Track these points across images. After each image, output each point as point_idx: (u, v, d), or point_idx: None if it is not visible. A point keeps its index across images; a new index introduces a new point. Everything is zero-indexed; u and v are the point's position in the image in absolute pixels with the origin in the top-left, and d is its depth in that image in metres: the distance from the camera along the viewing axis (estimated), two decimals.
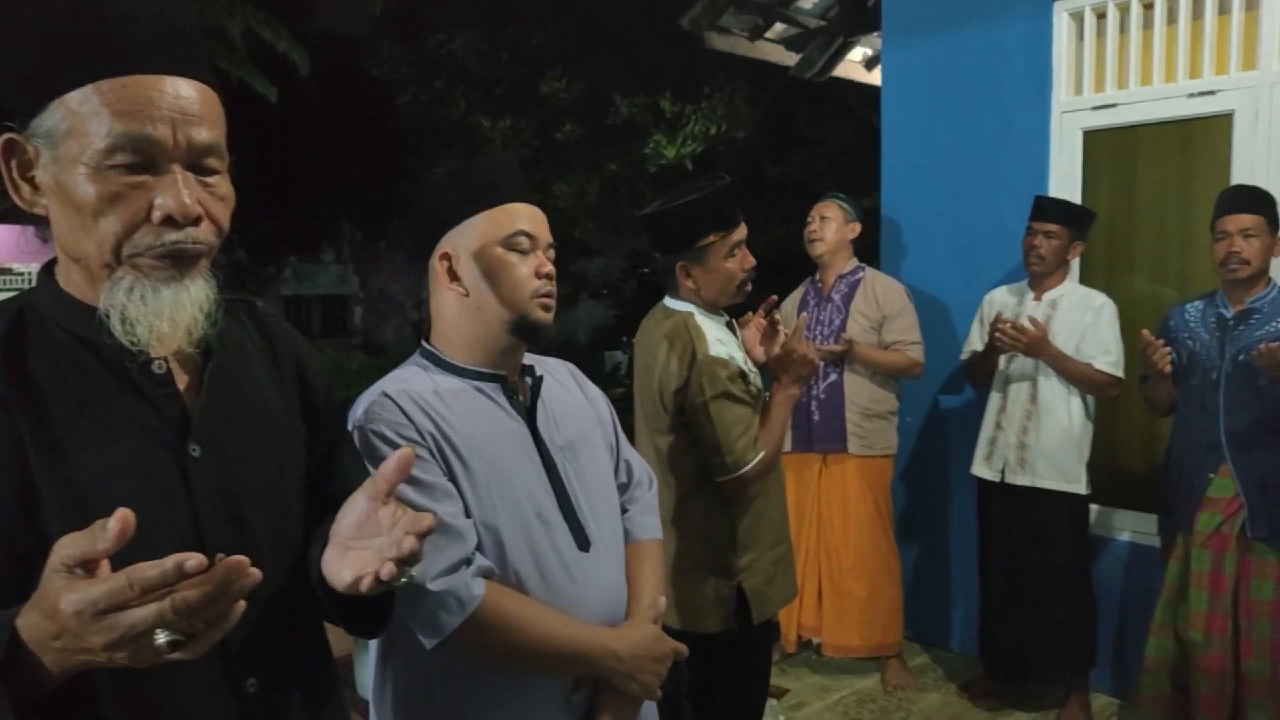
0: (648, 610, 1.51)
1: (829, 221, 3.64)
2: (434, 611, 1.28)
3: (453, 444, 1.37)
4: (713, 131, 7.37)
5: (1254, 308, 2.84)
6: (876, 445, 3.58)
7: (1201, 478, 2.88)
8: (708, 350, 2.09)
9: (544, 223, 1.48)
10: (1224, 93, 3.24)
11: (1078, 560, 3.34)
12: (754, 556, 2.13)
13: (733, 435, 2.04)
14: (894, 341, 3.55)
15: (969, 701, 3.55)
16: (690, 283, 2.16)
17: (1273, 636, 2.79)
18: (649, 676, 1.44)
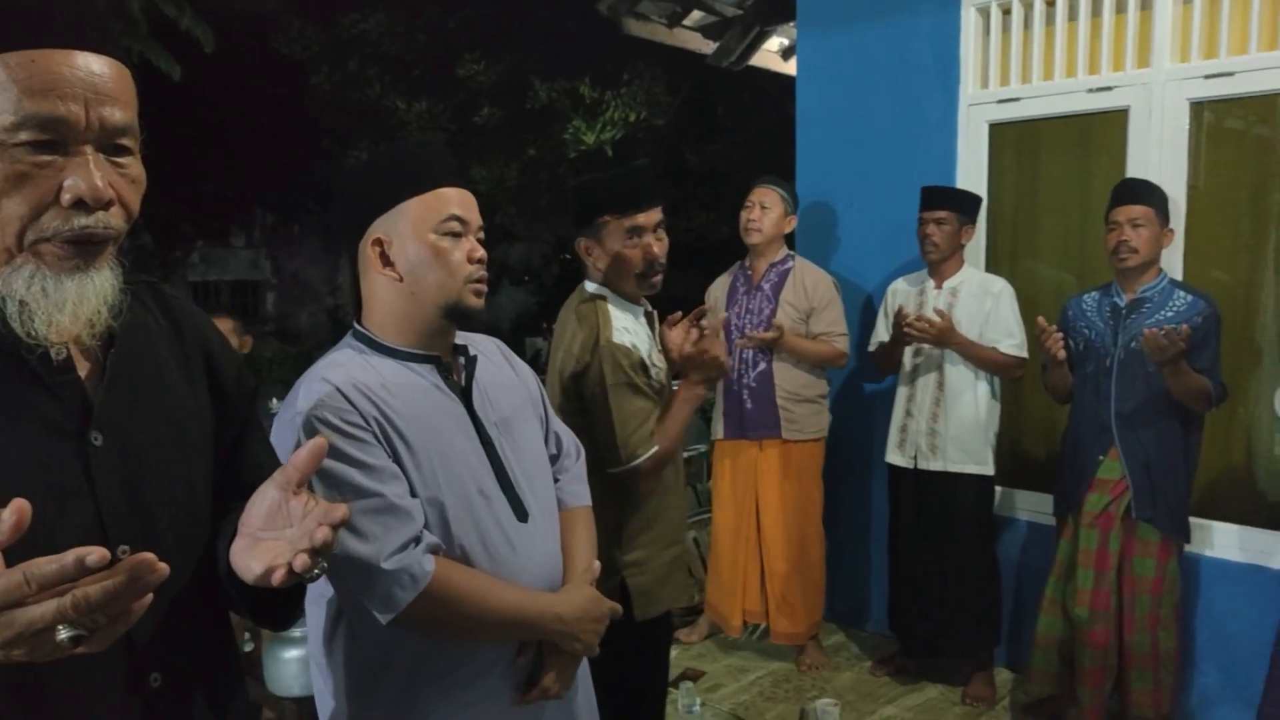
0: (584, 574, 1.59)
1: (769, 211, 3.64)
2: (389, 589, 1.33)
3: (395, 426, 1.40)
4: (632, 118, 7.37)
5: (1145, 297, 2.98)
6: (808, 429, 3.65)
7: (1092, 460, 3.01)
8: (611, 336, 2.06)
9: (474, 206, 1.50)
10: (1120, 89, 3.37)
11: (985, 540, 3.47)
12: (646, 555, 2.11)
13: (629, 426, 2.01)
14: (821, 333, 3.61)
15: (881, 678, 3.66)
16: (592, 260, 2.17)
17: (1151, 611, 2.94)
18: (590, 635, 1.52)
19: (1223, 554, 3.23)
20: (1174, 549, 2.97)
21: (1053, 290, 3.65)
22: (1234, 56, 3.15)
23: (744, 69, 5.95)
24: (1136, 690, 2.99)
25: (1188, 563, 3.16)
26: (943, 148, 3.79)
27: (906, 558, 3.56)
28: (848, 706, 3.40)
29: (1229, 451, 3.38)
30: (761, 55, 5.72)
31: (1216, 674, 3.24)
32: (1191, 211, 3.27)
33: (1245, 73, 3.12)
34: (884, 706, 3.44)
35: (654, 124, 7.92)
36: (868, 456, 4.01)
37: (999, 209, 3.78)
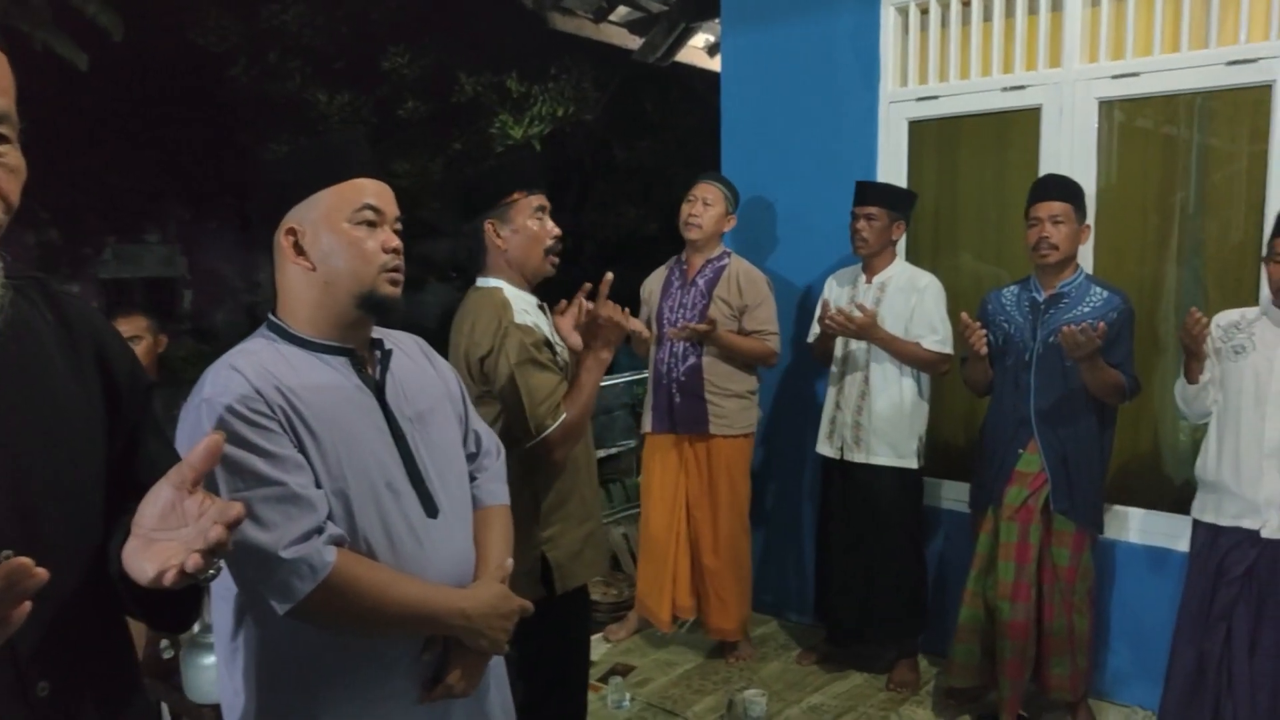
0: (495, 571, 1.58)
1: (711, 208, 3.63)
2: (287, 579, 1.31)
3: (302, 416, 1.39)
4: (560, 113, 7.32)
5: (1063, 292, 3.05)
6: (737, 425, 3.66)
7: (1012, 453, 3.08)
8: (513, 318, 2.15)
9: (391, 198, 1.50)
10: (1033, 88, 3.47)
11: (910, 531, 3.52)
12: (559, 530, 2.21)
13: (537, 398, 2.10)
14: (754, 330, 3.62)
15: (808, 667, 3.71)
16: (500, 242, 2.21)
17: (1066, 597, 3.03)
18: (498, 633, 1.51)
19: (1133, 539, 3.35)
20: (1088, 539, 3.06)
21: (972, 284, 3.73)
22: (1139, 58, 3.27)
23: (672, 65, 5.96)
24: (1055, 674, 3.07)
25: (1101, 548, 3.27)
26: (864, 144, 3.85)
27: (833, 548, 3.61)
28: (775, 696, 3.44)
29: (1138, 440, 3.50)
30: (688, 52, 5.74)
31: (1129, 654, 3.36)
32: (1101, 208, 3.38)
33: (1150, 73, 3.24)
34: (810, 695, 3.48)
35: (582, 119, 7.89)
36: (799, 449, 4.05)
37: (919, 204, 3.85)
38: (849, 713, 3.35)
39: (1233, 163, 3.30)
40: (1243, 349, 2.72)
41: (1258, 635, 2.67)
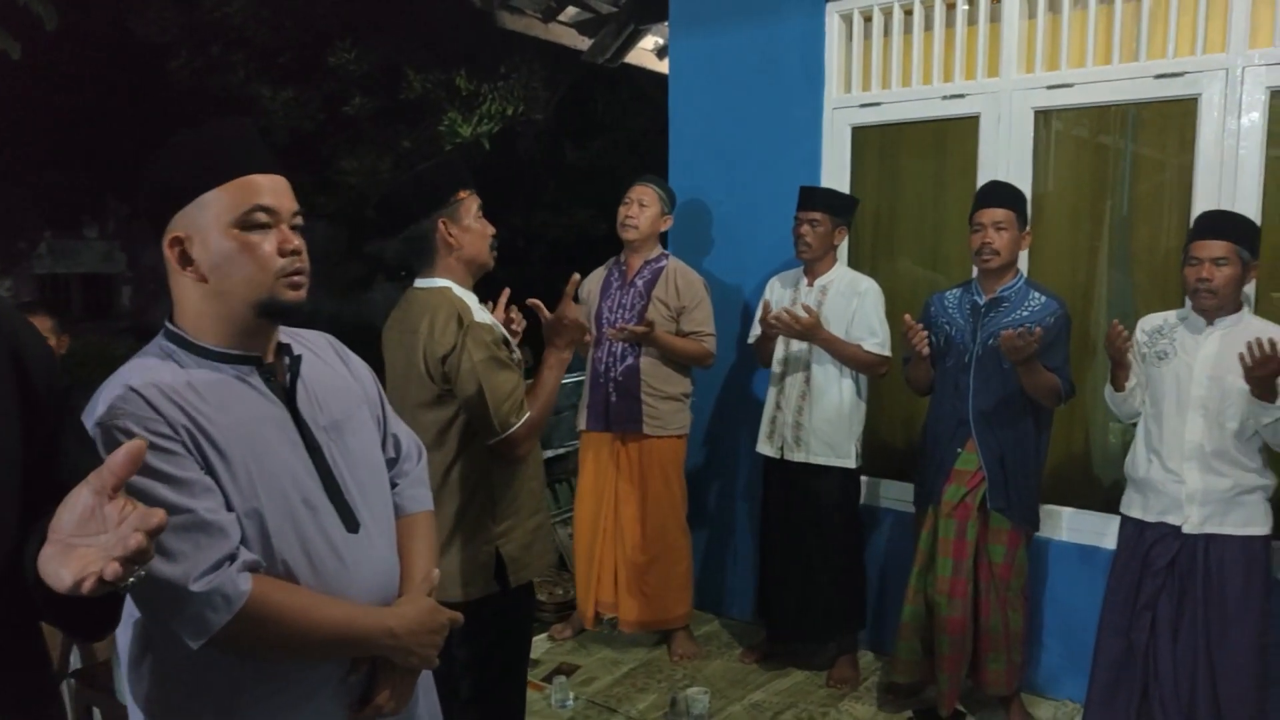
0: (422, 584, 1.53)
1: (646, 209, 3.68)
2: (199, 612, 1.23)
3: (207, 434, 1.30)
4: (510, 112, 7.29)
5: (1003, 296, 3.13)
6: (670, 426, 3.70)
7: (951, 452, 3.15)
8: (474, 317, 2.17)
9: (286, 192, 1.38)
10: (971, 96, 3.54)
11: (849, 530, 3.59)
12: (511, 524, 2.24)
13: (500, 396, 2.12)
14: (691, 331, 3.67)
15: (750, 665, 3.75)
16: (453, 239, 2.21)
17: (1001, 594, 3.11)
18: (427, 649, 1.47)
19: (1066, 537, 3.44)
20: (1023, 536, 3.14)
21: (911, 288, 3.80)
22: (1073, 69, 3.36)
23: (622, 67, 5.98)
24: (990, 669, 3.15)
25: (1035, 546, 3.35)
26: (808, 149, 3.90)
27: (774, 547, 3.65)
28: (718, 693, 3.47)
29: (1071, 441, 3.59)
30: (637, 54, 5.76)
31: (1060, 649, 3.44)
32: (1037, 214, 3.46)
33: (1083, 84, 3.33)
34: (753, 692, 3.52)
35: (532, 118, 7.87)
36: (739, 449, 4.09)
37: (861, 210, 3.91)
38: (790, 709, 3.39)
39: (1161, 172, 3.41)
40: (1165, 354, 2.83)
41: (1179, 624, 2.79)
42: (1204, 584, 2.75)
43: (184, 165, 1.34)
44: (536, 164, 10.01)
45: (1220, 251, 2.68)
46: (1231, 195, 3.05)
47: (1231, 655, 2.73)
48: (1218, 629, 2.74)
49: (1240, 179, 3.05)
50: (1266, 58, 3.00)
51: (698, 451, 4.27)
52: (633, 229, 3.68)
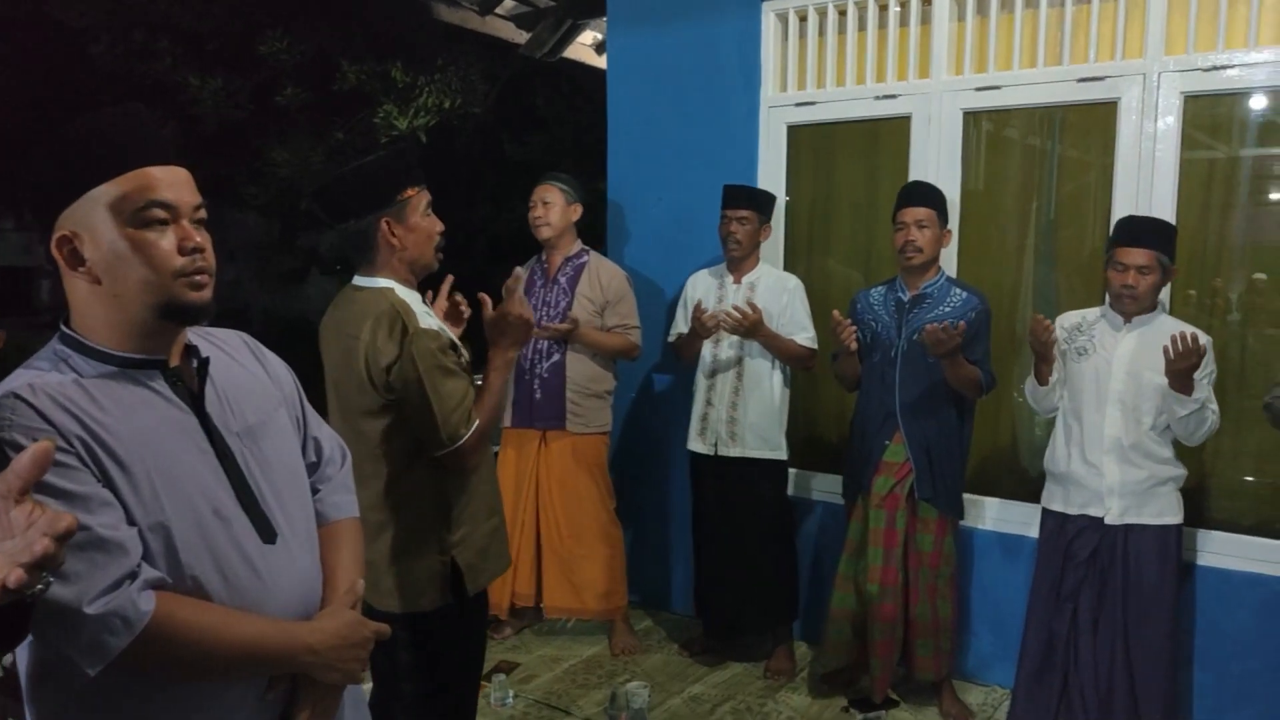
0: (345, 596, 1.45)
1: (551, 206, 3.71)
2: (96, 636, 1.14)
3: (105, 444, 1.20)
4: (447, 105, 7.19)
5: (926, 292, 3.21)
6: (593, 423, 3.73)
7: (879, 445, 3.23)
8: (418, 323, 2.05)
9: (187, 185, 1.29)
10: (903, 97, 3.62)
11: (781, 521, 3.65)
12: (467, 531, 2.15)
13: (448, 407, 2.02)
14: (615, 325, 3.70)
15: (689, 659, 3.79)
16: (396, 240, 2.10)
17: (931, 583, 3.19)
18: (350, 664, 1.39)
19: (992, 526, 3.54)
20: (950, 525, 3.23)
21: (843, 284, 3.87)
22: (1000, 71, 3.45)
23: (562, 61, 5.96)
24: (921, 657, 3.23)
25: (963, 536, 3.44)
26: (745, 147, 3.94)
27: (708, 542, 3.70)
28: (657, 687, 3.50)
29: (997, 434, 3.70)
30: (576, 49, 5.75)
31: (989, 637, 3.54)
32: (965, 213, 3.55)
33: (1010, 87, 3.42)
34: (691, 685, 3.56)
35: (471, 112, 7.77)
36: (670, 446, 4.12)
37: (797, 207, 3.97)
38: (728, 701, 3.44)
39: (1085, 174, 3.52)
40: (1085, 350, 2.94)
41: (1100, 614, 2.91)
42: (1123, 574, 2.86)
43: (71, 158, 1.23)
44: (476, 158, 9.89)
45: (1144, 260, 2.80)
46: (1149, 196, 3.17)
47: (1147, 642, 2.85)
48: (1135, 617, 2.85)
49: (1157, 181, 3.17)
50: (1181, 64, 3.12)
51: (629, 448, 4.30)
52: (545, 227, 3.72)
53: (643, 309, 3.82)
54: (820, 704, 3.41)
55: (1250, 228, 3.25)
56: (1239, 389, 3.22)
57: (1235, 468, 3.29)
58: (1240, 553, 3.11)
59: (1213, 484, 3.29)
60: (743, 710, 3.37)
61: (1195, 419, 2.75)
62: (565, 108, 9.27)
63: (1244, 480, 3.29)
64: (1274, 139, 3.20)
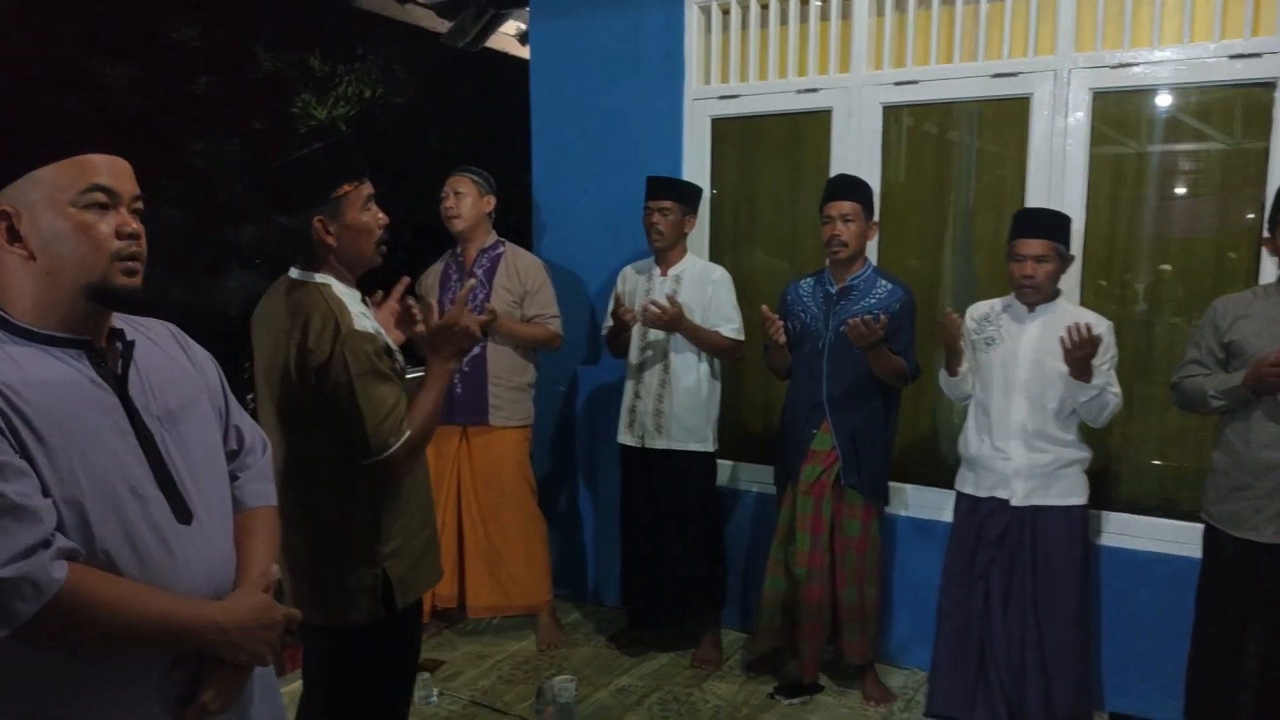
0: (258, 579, 1.48)
1: (464, 197, 3.67)
2: (6, 600, 1.18)
3: (24, 416, 1.24)
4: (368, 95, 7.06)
5: (853, 284, 3.26)
6: (515, 416, 3.70)
7: (807, 434, 3.28)
8: (352, 324, 1.94)
9: (128, 176, 1.36)
10: (824, 91, 3.66)
11: (709, 512, 3.67)
12: (400, 543, 2.05)
13: (379, 415, 1.92)
14: (535, 315, 3.67)
15: (617, 651, 3.79)
16: (330, 239, 1.99)
17: (857, 567, 3.25)
18: (259, 645, 1.41)
19: (914, 513, 3.61)
20: (875, 511, 3.30)
21: (769, 276, 3.90)
22: (918, 67, 3.51)
23: (486, 52, 5.87)
24: (849, 640, 3.30)
25: (887, 522, 3.51)
26: (670, 140, 3.94)
27: (637, 533, 3.71)
28: (585, 680, 3.49)
29: (918, 421, 3.77)
30: (499, 39, 5.67)
31: (910, 620, 3.62)
32: (886, 206, 3.61)
33: (927, 81, 3.48)
34: (619, 677, 3.56)
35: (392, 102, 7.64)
36: (599, 438, 4.11)
37: (722, 200, 3.99)
38: (656, 691, 3.45)
39: (1001, 167, 3.61)
40: (992, 340, 3.04)
41: (1010, 592, 3.02)
42: (1031, 553, 2.98)
43: (19, 141, 1.29)
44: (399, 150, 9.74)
45: (1041, 250, 2.90)
46: (1060, 190, 3.26)
47: (1056, 618, 2.96)
48: (1044, 594, 2.97)
49: (1068, 174, 3.26)
50: (1090, 60, 3.21)
51: (557, 441, 4.28)
52: (457, 219, 3.67)
53: (569, 301, 3.81)
54: (747, 691, 3.45)
55: (1157, 221, 3.36)
56: (1146, 376, 3.35)
57: (1141, 451, 3.41)
58: (1145, 533, 3.23)
59: (1119, 467, 3.41)
60: (670, 700, 3.39)
61: (1097, 403, 2.86)
62: (490, 99, 9.18)
63: (1149, 463, 3.41)
64: (1179, 135, 3.32)
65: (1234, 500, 2.68)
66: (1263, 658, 2.65)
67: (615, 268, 3.87)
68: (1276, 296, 2.68)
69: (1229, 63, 3.03)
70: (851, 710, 3.32)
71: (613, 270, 3.90)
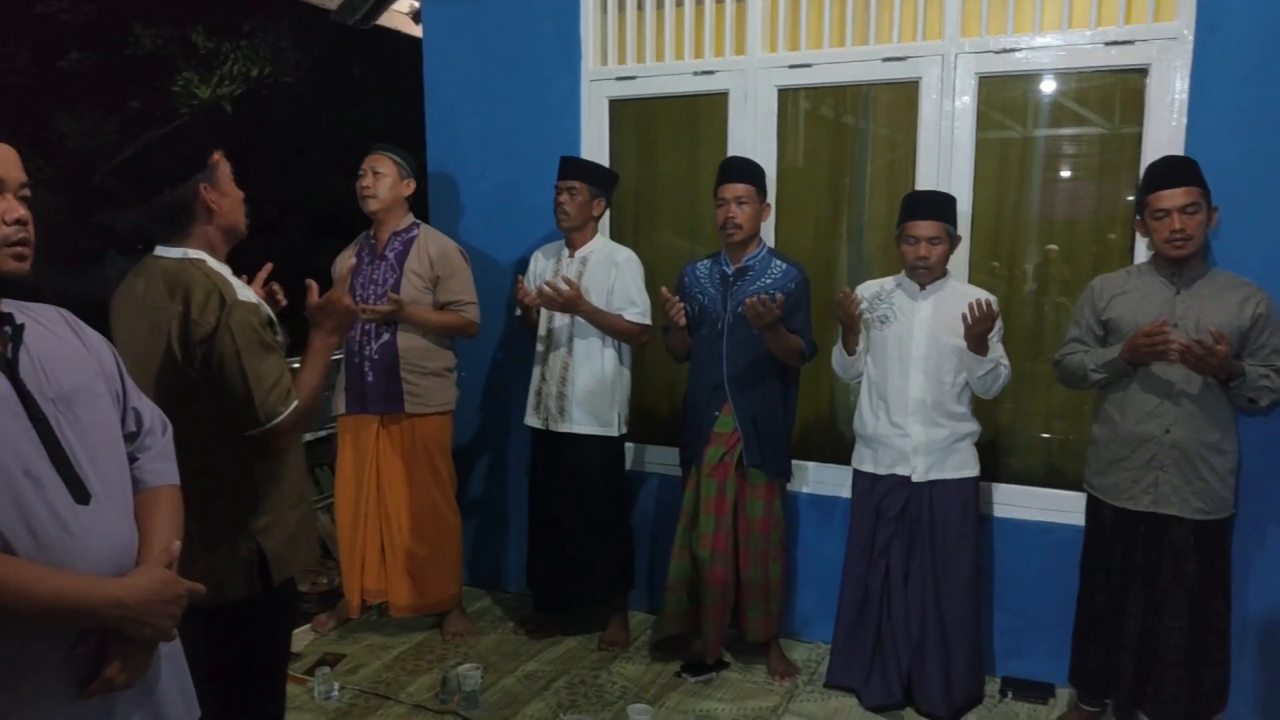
0: (160, 555, 1.49)
1: (383, 177, 3.55)
2: None
3: None
4: (255, 73, 6.80)
5: (749, 265, 3.29)
6: (434, 403, 3.60)
7: (709, 416, 3.30)
8: (236, 295, 1.97)
9: (14, 163, 1.39)
10: (720, 73, 3.67)
11: (614, 496, 3.67)
12: (274, 518, 2.08)
13: (266, 385, 1.95)
14: (449, 302, 3.58)
15: (524, 637, 3.76)
16: (214, 204, 2.03)
17: (761, 546, 3.30)
18: (162, 620, 1.43)
19: (815, 490, 3.68)
20: (779, 489, 3.34)
21: (670, 258, 3.91)
22: (812, 50, 3.55)
23: (378, 30, 5.70)
24: (752, 618, 3.34)
25: (790, 500, 3.56)
26: (568, 121, 3.90)
27: (542, 517, 3.68)
28: (491, 667, 3.46)
29: (817, 400, 3.84)
30: (391, 16, 5.51)
31: (814, 596, 3.69)
32: (783, 188, 3.65)
33: (821, 65, 3.53)
34: (526, 663, 3.54)
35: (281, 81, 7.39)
36: (511, 422, 4.07)
37: (623, 181, 3.97)
38: (563, 675, 3.44)
39: (892, 150, 3.68)
40: (887, 319, 3.12)
41: (910, 567, 3.10)
42: (929, 526, 3.07)
43: None
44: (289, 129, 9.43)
45: (933, 231, 2.99)
46: (948, 173, 3.35)
47: (953, 588, 3.06)
48: (941, 566, 3.06)
49: (955, 158, 3.35)
50: (976, 45, 3.30)
51: (469, 426, 4.21)
52: (373, 199, 3.55)
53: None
54: (654, 670, 3.47)
55: (1042, 203, 3.48)
56: (1033, 352, 3.47)
57: (1029, 425, 3.55)
58: (1032, 503, 3.37)
59: (1008, 441, 3.54)
60: (577, 683, 3.38)
61: (991, 375, 2.97)
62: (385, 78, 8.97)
63: (1037, 436, 3.55)
64: (1061, 120, 3.44)
65: (1113, 472, 2.81)
66: (1141, 622, 2.79)
67: (513, 250, 3.83)
68: (1150, 274, 2.81)
69: (1105, 49, 3.15)
70: (757, 685, 3.37)
71: (511, 252, 3.85)
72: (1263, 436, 2.94)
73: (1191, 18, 3.00)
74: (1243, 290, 2.70)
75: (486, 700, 3.24)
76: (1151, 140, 3.09)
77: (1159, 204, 2.68)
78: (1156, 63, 3.07)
